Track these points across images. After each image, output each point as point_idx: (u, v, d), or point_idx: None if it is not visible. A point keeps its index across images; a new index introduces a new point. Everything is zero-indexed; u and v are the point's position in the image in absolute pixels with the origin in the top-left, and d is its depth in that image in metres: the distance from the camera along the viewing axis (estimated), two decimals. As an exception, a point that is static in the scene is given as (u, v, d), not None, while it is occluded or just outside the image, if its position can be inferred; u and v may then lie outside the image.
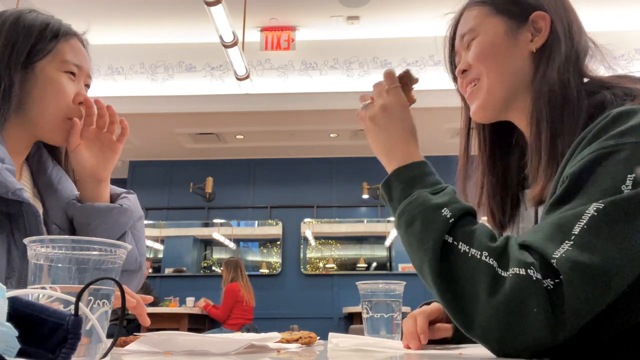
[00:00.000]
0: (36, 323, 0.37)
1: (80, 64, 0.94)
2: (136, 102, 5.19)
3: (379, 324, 0.91)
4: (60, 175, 0.99)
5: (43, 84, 0.89)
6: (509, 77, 0.81)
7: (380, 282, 0.92)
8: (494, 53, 0.81)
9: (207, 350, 0.66)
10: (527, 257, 0.58)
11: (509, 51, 0.81)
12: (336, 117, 5.32)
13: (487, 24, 0.83)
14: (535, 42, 0.80)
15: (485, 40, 0.82)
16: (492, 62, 0.81)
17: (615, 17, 4.95)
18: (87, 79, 0.98)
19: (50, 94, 0.90)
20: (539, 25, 0.80)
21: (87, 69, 0.97)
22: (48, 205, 0.95)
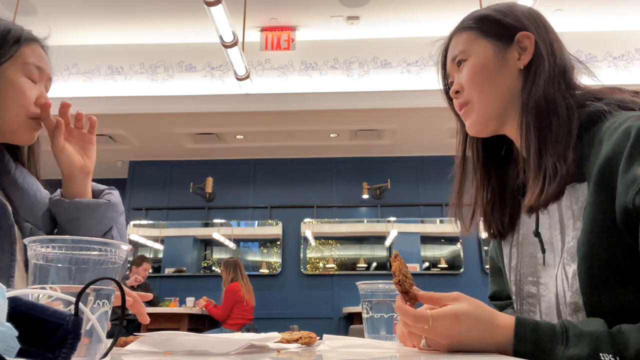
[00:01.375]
0: (36, 323, 0.37)
1: (42, 67, 0.97)
2: (136, 102, 5.19)
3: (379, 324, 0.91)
4: (24, 174, 1.00)
5: (4, 87, 0.91)
6: (500, 95, 0.86)
7: (380, 282, 0.92)
8: (485, 74, 0.87)
9: (207, 350, 0.66)
10: None
11: (499, 71, 0.86)
12: (336, 117, 5.32)
13: (477, 47, 0.88)
14: (522, 59, 0.86)
15: (476, 62, 0.87)
16: (483, 83, 0.87)
17: (615, 17, 4.94)
18: (48, 83, 1.00)
19: (11, 96, 0.91)
20: (524, 44, 0.86)
21: (48, 73, 0.99)
22: (17, 205, 0.95)
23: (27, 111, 0.93)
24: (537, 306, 0.82)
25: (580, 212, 0.74)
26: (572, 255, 0.74)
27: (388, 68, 5.31)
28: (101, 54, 5.33)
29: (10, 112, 0.91)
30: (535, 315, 0.82)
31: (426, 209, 6.35)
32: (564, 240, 0.77)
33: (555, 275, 0.78)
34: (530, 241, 0.85)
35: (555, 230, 0.79)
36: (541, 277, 0.82)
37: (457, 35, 0.93)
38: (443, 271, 6.18)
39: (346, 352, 0.71)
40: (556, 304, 0.77)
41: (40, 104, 0.95)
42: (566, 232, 0.77)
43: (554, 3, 4.67)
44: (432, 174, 6.34)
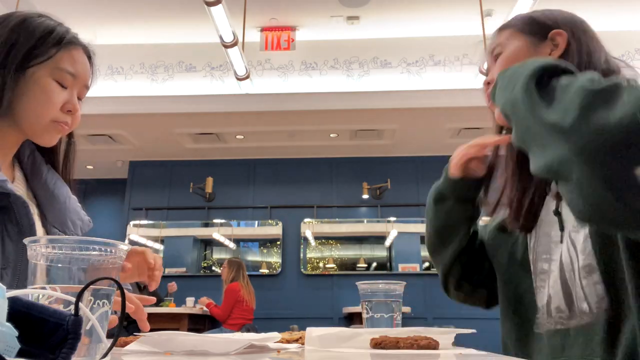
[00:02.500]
0: (36, 323, 0.37)
1: (76, 74, 0.93)
2: (136, 102, 5.19)
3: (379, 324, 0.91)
4: (56, 180, 1.00)
5: (32, 89, 0.89)
6: None
7: (381, 282, 0.93)
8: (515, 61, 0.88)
9: (207, 350, 0.66)
10: None
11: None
12: (336, 117, 5.32)
13: (512, 40, 0.95)
14: (553, 54, 0.90)
15: (509, 53, 0.93)
16: None
17: (615, 17, 4.94)
18: (83, 90, 0.97)
19: (37, 100, 0.89)
20: (557, 41, 0.91)
21: (83, 79, 0.96)
22: (45, 210, 0.95)
23: (51, 116, 0.90)
24: (547, 281, 0.86)
25: None
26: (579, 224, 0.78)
27: (388, 68, 5.31)
28: (101, 54, 5.29)
29: (33, 114, 0.90)
30: (544, 289, 0.86)
31: (426, 209, 6.35)
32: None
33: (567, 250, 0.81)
34: (547, 221, 0.88)
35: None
36: (553, 254, 0.85)
37: (499, 33, 0.99)
38: (443, 271, 6.17)
39: (344, 352, 0.71)
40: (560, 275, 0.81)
41: (66, 109, 0.92)
42: None
43: (554, 3, 4.66)
44: (432, 174, 6.29)
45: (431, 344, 0.71)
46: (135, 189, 6.62)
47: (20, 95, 0.89)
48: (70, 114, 0.93)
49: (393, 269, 6.21)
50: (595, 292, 0.76)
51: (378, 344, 0.72)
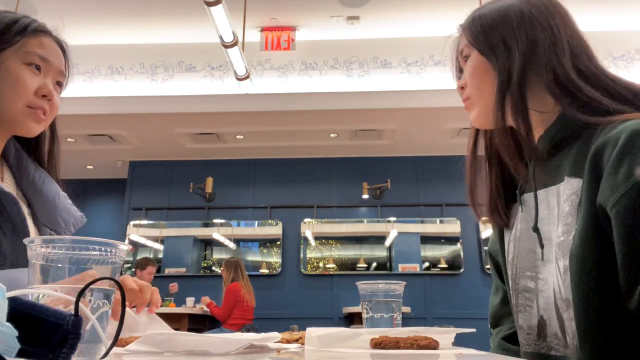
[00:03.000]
0: (36, 323, 0.37)
1: (46, 58, 0.92)
2: (136, 102, 5.19)
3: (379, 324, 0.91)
4: (43, 177, 0.99)
5: (3, 76, 0.88)
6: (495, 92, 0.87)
7: (381, 282, 0.93)
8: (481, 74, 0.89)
9: (207, 350, 0.66)
10: None
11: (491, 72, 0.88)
12: (336, 117, 5.32)
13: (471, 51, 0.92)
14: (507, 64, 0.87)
15: (471, 63, 0.90)
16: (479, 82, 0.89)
17: (615, 17, 4.95)
18: (59, 76, 0.96)
19: (8, 85, 0.88)
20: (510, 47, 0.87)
21: (56, 65, 0.94)
22: (36, 209, 0.95)
23: (25, 100, 0.89)
24: (535, 301, 0.82)
25: (574, 207, 0.74)
26: (563, 250, 0.75)
27: (388, 68, 5.31)
28: (101, 54, 5.33)
29: (7, 100, 0.89)
30: (532, 310, 0.83)
31: (426, 209, 6.35)
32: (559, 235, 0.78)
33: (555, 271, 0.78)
34: (529, 236, 0.85)
35: (555, 225, 0.79)
36: (540, 273, 0.82)
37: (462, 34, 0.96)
38: (443, 271, 6.18)
39: (341, 352, 0.71)
40: (554, 298, 0.78)
41: (40, 94, 0.91)
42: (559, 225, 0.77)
43: (554, 3, 4.66)
44: (432, 174, 6.34)
45: (431, 344, 0.71)
46: (135, 189, 6.62)
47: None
48: (46, 100, 0.92)
49: (393, 269, 6.21)
50: (570, 328, 0.74)
51: (378, 344, 0.72)
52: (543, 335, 0.81)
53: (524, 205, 0.88)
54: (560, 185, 0.79)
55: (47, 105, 0.92)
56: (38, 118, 0.92)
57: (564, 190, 0.77)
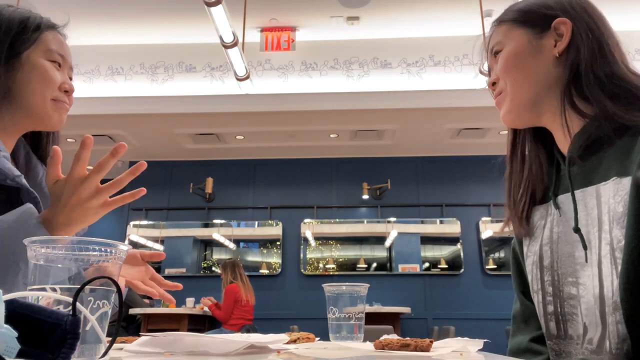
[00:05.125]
0: (35, 324, 0.37)
1: (64, 55, 0.97)
2: (136, 102, 5.19)
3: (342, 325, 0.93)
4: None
5: (29, 70, 0.91)
6: (534, 83, 0.85)
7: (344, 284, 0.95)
8: (518, 62, 0.86)
9: (207, 350, 0.66)
10: None
11: (533, 58, 0.86)
12: (336, 117, 5.32)
13: (512, 35, 0.89)
14: (558, 46, 0.84)
15: (510, 50, 0.87)
16: (515, 71, 0.86)
17: (615, 17, 4.93)
18: (70, 71, 1.00)
19: (37, 79, 0.92)
20: (561, 31, 0.85)
21: (69, 62, 0.99)
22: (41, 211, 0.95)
23: (52, 94, 0.93)
24: (578, 308, 0.78)
25: (625, 208, 0.70)
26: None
27: (388, 68, 5.31)
28: (101, 54, 5.33)
29: (37, 95, 0.91)
30: (577, 317, 0.79)
31: (426, 209, 6.35)
32: (600, 237, 0.74)
33: (598, 274, 0.74)
34: (567, 239, 0.82)
35: (594, 227, 0.76)
36: (580, 277, 0.78)
37: (497, 28, 0.93)
38: (443, 271, 6.17)
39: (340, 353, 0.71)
40: (600, 304, 0.74)
41: (63, 89, 0.95)
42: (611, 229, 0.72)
43: (554, 3, 4.66)
44: (432, 174, 6.34)
45: (429, 346, 0.71)
46: (135, 189, 6.60)
47: (17, 80, 0.91)
48: (67, 94, 0.96)
49: (393, 270, 6.21)
50: (617, 332, 0.70)
51: (382, 347, 0.72)
52: (584, 341, 0.78)
53: (560, 208, 0.84)
54: (600, 186, 0.76)
55: (67, 98, 0.96)
56: (64, 109, 0.96)
57: (616, 190, 0.73)
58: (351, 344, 0.85)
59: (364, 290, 0.96)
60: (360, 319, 0.94)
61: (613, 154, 0.76)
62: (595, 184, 0.77)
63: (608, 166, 0.75)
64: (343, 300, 0.94)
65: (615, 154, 0.75)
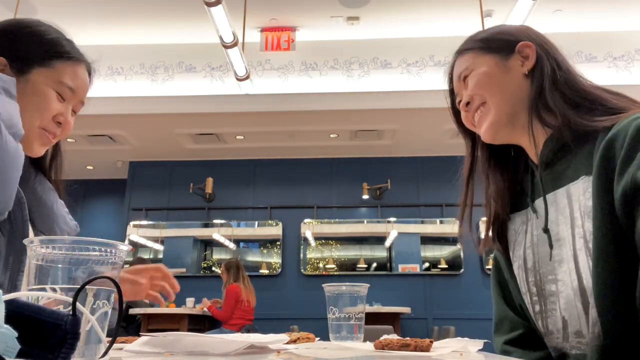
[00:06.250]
0: (35, 324, 0.37)
1: (75, 89, 0.94)
2: (136, 102, 5.19)
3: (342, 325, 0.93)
4: (43, 184, 0.99)
5: (30, 93, 0.89)
6: (510, 95, 0.91)
7: (344, 284, 0.96)
8: (490, 79, 0.92)
9: (207, 350, 0.66)
10: None
11: (503, 76, 0.92)
12: (336, 117, 5.32)
13: (479, 61, 0.95)
14: (526, 65, 0.91)
15: (481, 71, 0.93)
16: (490, 86, 0.92)
17: (615, 17, 4.95)
18: (78, 105, 0.98)
19: (33, 105, 0.89)
20: (525, 53, 0.92)
21: (81, 96, 0.97)
22: (34, 215, 0.95)
23: (42, 123, 0.90)
24: (557, 303, 0.83)
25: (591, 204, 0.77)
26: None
27: (388, 68, 5.31)
28: (101, 54, 5.31)
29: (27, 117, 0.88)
30: (556, 312, 0.83)
31: (426, 209, 6.35)
32: (573, 233, 0.80)
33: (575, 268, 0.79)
34: (544, 240, 0.87)
35: (566, 225, 0.82)
36: (558, 274, 0.83)
37: (460, 57, 1.00)
38: (443, 272, 6.18)
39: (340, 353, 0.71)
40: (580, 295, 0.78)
41: (56, 120, 0.92)
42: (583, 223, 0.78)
43: (554, 3, 4.67)
44: (432, 174, 6.34)
45: (429, 346, 0.71)
46: (135, 189, 6.62)
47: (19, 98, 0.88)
48: (59, 126, 0.94)
49: (393, 270, 6.21)
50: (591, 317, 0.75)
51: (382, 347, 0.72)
52: (566, 336, 0.82)
53: (537, 212, 0.90)
54: (571, 186, 0.82)
55: (59, 130, 0.94)
56: (46, 141, 0.93)
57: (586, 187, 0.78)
58: (351, 344, 0.85)
59: (364, 290, 0.96)
60: (360, 319, 0.94)
61: (580, 156, 0.82)
62: (565, 185, 0.83)
63: (576, 168, 0.82)
64: (343, 300, 0.94)
65: (582, 157, 0.81)
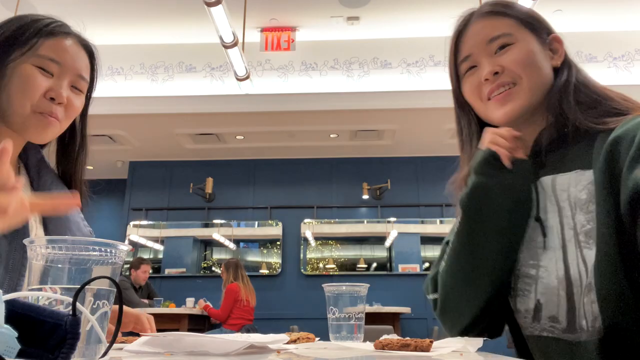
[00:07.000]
0: (35, 324, 0.37)
1: (62, 61, 0.89)
2: (136, 102, 5.19)
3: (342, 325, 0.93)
4: (60, 189, 0.98)
5: (13, 78, 0.85)
6: (542, 85, 0.88)
7: (344, 284, 0.95)
8: (534, 61, 0.87)
9: (207, 350, 0.66)
10: None
11: (543, 63, 0.88)
12: (336, 117, 5.32)
13: (522, 35, 0.89)
14: (556, 59, 0.90)
15: (526, 47, 0.88)
16: (533, 68, 0.87)
17: (615, 17, 4.94)
18: (77, 80, 0.92)
19: (17, 87, 0.85)
20: (555, 47, 0.91)
21: (73, 68, 0.90)
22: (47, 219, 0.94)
23: (32, 102, 0.85)
24: (533, 286, 0.84)
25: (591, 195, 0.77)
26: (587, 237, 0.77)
27: (388, 68, 5.31)
28: (101, 54, 5.30)
29: (16, 102, 0.85)
30: (531, 294, 0.85)
31: (426, 209, 6.35)
32: (562, 223, 0.81)
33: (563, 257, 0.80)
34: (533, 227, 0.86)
35: (554, 213, 0.83)
36: (542, 260, 0.83)
37: (490, 18, 0.91)
38: (443, 271, 6.17)
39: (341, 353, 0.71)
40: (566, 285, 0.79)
41: (48, 97, 0.86)
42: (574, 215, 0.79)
43: (554, 3, 4.67)
44: (432, 174, 6.34)
45: (429, 346, 0.71)
46: (135, 189, 6.62)
47: (3, 89, 0.86)
48: (56, 104, 0.88)
49: (393, 270, 6.21)
50: (591, 311, 0.75)
51: (382, 347, 0.72)
52: (538, 317, 0.83)
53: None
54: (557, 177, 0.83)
55: (59, 110, 0.88)
56: (45, 124, 0.88)
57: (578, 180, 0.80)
58: (351, 344, 0.85)
59: (364, 290, 0.96)
60: (360, 319, 0.94)
61: (575, 150, 0.82)
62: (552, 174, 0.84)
63: (570, 160, 0.82)
64: (343, 300, 0.94)
65: (578, 151, 0.82)
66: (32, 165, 0.97)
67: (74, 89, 0.92)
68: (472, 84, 0.91)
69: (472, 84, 0.91)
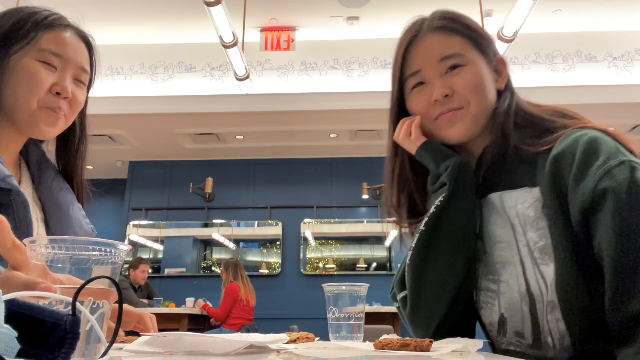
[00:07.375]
0: (35, 324, 0.37)
1: (64, 55, 0.88)
2: (136, 102, 5.19)
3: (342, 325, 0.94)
4: (61, 187, 0.98)
5: (16, 73, 0.85)
6: (487, 110, 0.88)
7: (344, 284, 0.95)
8: (483, 85, 0.88)
9: (207, 350, 0.66)
10: None
11: (490, 86, 0.89)
12: (336, 117, 5.32)
13: (473, 56, 0.89)
14: (500, 82, 0.91)
15: (476, 71, 0.88)
16: (482, 92, 0.87)
17: (615, 17, 4.94)
18: (79, 72, 0.91)
19: (22, 83, 0.84)
20: (500, 68, 0.92)
21: (75, 61, 0.90)
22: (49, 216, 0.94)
23: (39, 97, 0.85)
24: (497, 299, 0.85)
25: (539, 212, 0.78)
26: (543, 254, 0.77)
27: (388, 68, 5.26)
28: (101, 54, 5.32)
29: (21, 99, 0.84)
30: (494, 307, 0.85)
31: (426, 209, 6.35)
32: (516, 240, 0.81)
33: (523, 273, 0.80)
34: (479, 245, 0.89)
35: (508, 229, 0.83)
36: (502, 275, 0.84)
37: (442, 33, 0.91)
38: (443, 271, 6.17)
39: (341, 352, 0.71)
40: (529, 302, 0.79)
41: (54, 92, 0.86)
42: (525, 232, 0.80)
43: (554, 3, 4.67)
44: (432, 174, 6.33)
45: (429, 346, 0.71)
46: (135, 189, 6.62)
47: (6, 84, 0.85)
48: (62, 98, 0.87)
49: (393, 270, 6.21)
50: (557, 329, 0.75)
51: (382, 347, 0.72)
52: (503, 331, 0.83)
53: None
54: (504, 193, 0.83)
55: (64, 104, 0.88)
56: (53, 119, 0.87)
57: (525, 198, 0.80)
58: (351, 344, 0.85)
59: (364, 290, 0.96)
60: (360, 319, 0.94)
61: (520, 168, 0.83)
62: (499, 191, 0.85)
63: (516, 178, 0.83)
64: (343, 300, 0.94)
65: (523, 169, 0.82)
66: (34, 162, 0.97)
67: (77, 82, 0.92)
68: (421, 102, 0.91)
69: (421, 101, 0.91)
